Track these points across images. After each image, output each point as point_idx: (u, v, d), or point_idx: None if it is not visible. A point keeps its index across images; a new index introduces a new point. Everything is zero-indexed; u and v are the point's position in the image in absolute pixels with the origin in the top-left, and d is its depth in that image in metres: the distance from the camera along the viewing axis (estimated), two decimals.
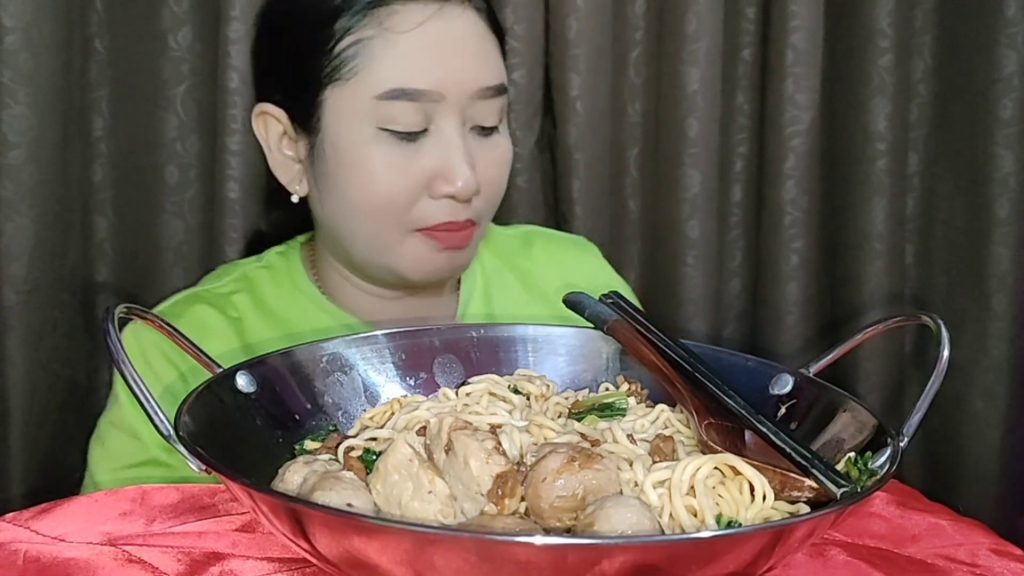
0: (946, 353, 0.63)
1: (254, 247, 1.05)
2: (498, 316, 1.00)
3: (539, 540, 0.44)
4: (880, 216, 1.29)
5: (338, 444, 0.63)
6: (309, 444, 0.65)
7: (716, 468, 0.56)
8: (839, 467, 0.58)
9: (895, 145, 1.29)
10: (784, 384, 0.69)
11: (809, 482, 0.55)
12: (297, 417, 0.67)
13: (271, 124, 0.94)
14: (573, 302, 0.78)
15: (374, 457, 0.60)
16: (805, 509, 0.55)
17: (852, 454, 0.59)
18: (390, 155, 0.88)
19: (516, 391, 0.69)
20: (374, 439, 0.62)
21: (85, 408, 1.16)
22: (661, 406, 0.67)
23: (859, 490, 0.53)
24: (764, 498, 0.55)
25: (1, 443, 1.11)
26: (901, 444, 0.58)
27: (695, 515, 0.53)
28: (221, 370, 0.65)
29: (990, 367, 1.31)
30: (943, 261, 1.35)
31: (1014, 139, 1.26)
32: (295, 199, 0.95)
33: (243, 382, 0.65)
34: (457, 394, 0.69)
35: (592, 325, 0.76)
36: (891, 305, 1.31)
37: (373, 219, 0.89)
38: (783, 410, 0.68)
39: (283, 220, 1.06)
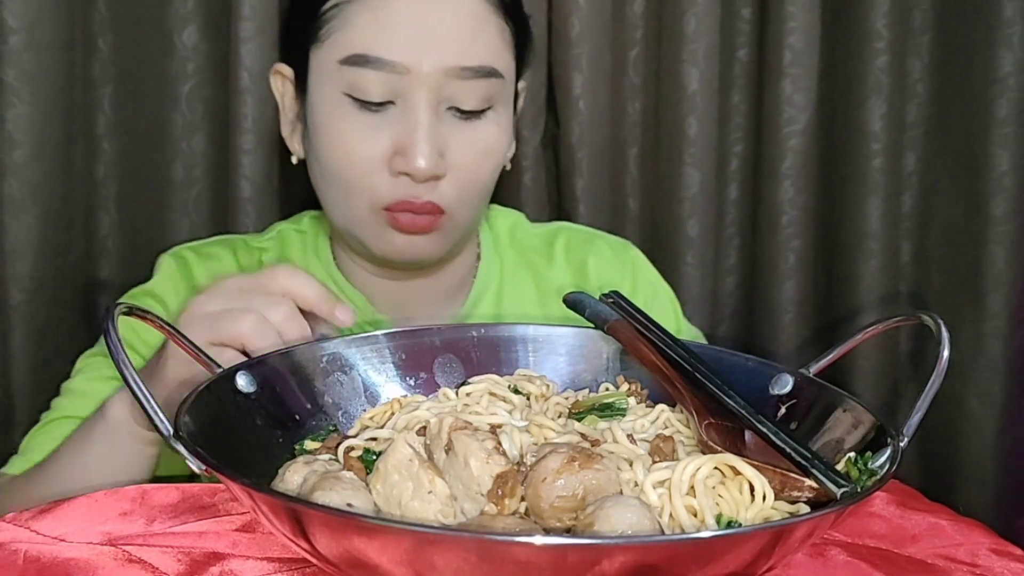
0: (946, 353, 0.63)
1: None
2: (506, 316, 1.00)
3: (539, 540, 0.44)
4: (876, 215, 1.29)
5: (338, 444, 0.63)
6: (309, 444, 0.65)
7: (716, 468, 0.56)
8: (839, 467, 0.58)
9: (891, 145, 1.29)
10: (784, 384, 0.69)
11: (809, 482, 0.55)
12: (297, 417, 0.67)
13: (286, 84, 0.95)
14: (573, 302, 0.78)
15: (374, 457, 0.60)
16: (805, 509, 0.55)
17: (852, 454, 0.59)
18: (353, 123, 0.87)
19: (516, 391, 0.69)
20: (374, 439, 0.62)
21: None
22: (661, 406, 0.67)
23: (859, 490, 0.53)
24: (764, 498, 0.55)
25: (5, 441, 1.11)
26: (901, 444, 0.58)
27: (695, 515, 0.53)
28: (221, 370, 0.65)
29: (986, 366, 1.31)
30: (939, 260, 1.35)
31: (1010, 138, 1.27)
32: (294, 160, 0.96)
33: (243, 382, 0.65)
34: (457, 394, 0.69)
35: (592, 325, 0.76)
36: (887, 304, 1.31)
37: (342, 188, 0.89)
38: (783, 410, 0.68)
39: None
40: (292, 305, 0.73)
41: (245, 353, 0.70)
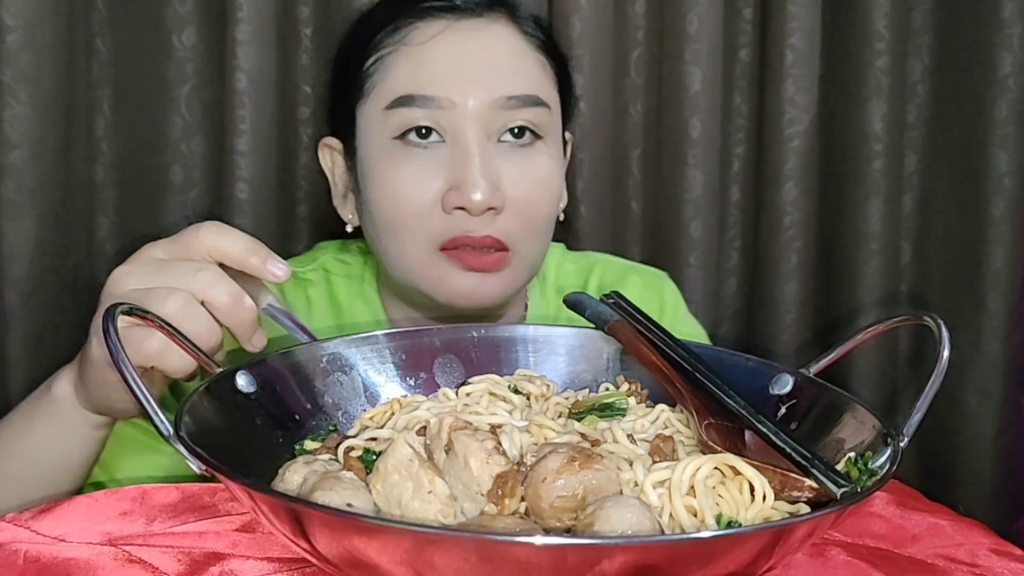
0: (946, 353, 0.63)
1: None
2: None
3: (539, 540, 0.44)
4: (877, 216, 1.29)
5: (338, 444, 0.63)
6: (309, 444, 0.65)
7: (716, 468, 0.56)
8: (839, 467, 0.58)
9: (892, 146, 1.29)
10: (784, 384, 0.69)
11: (809, 482, 0.55)
12: (297, 417, 0.67)
13: (335, 156, 0.95)
14: (574, 302, 0.78)
15: (374, 457, 0.60)
16: (805, 509, 0.55)
17: (852, 454, 0.59)
18: (404, 166, 0.86)
19: (516, 391, 0.69)
20: (374, 439, 0.62)
21: None
22: (661, 406, 0.67)
23: (859, 490, 0.53)
24: (764, 498, 0.55)
25: None
26: (901, 444, 0.58)
27: (695, 515, 0.53)
28: (221, 370, 0.65)
29: (985, 365, 1.31)
30: (939, 260, 1.35)
31: (1010, 139, 1.27)
32: (349, 229, 0.95)
33: (243, 382, 0.65)
34: (457, 394, 0.69)
35: (593, 325, 0.76)
36: (888, 304, 1.31)
37: (397, 235, 0.87)
38: (783, 410, 0.68)
39: None
40: (217, 270, 0.69)
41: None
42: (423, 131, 0.85)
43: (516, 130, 0.87)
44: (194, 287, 0.67)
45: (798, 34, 1.28)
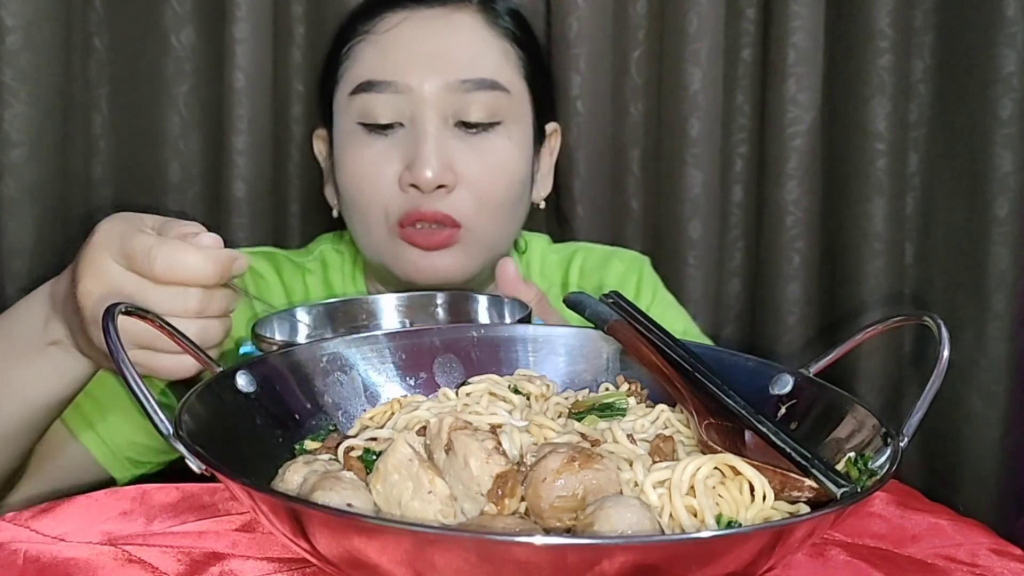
0: (946, 353, 0.63)
1: None
2: None
3: (539, 540, 0.44)
4: (879, 216, 1.29)
5: (338, 444, 0.63)
6: (309, 444, 0.65)
7: (716, 468, 0.56)
8: (839, 467, 0.58)
9: (895, 145, 1.29)
10: (784, 384, 0.69)
11: (809, 482, 0.55)
12: (297, 417, 0.67)
13: (324, 145, 1.00)
14: (573, 302, 0.78)
15: (374, 457, 0.60)
16: (805, 509, 0.55)
17: (852, 454, 0.59)
18: (366, 149, 0.90)
19: (516, 391, 0.69)
20: (374, 439, 0.62)
21: None
22: (661, 406, 0.67)
23: (859, 490, 0.53)
24: (764, 498, 0.55)
25: None
26: (901, 444, 0.58)
27: (695, 515, 0.53)
28: (221, 370, 0.65)
29: (989, 366, 1.31)
30: (942, 260, 1.35)
31: (1013, 138, 1.26)
32: (335, 214, 1.00)
33: (243, 382, 0.65)
34: (457, 394, 0.69)
35: (592, 325, 0.76)
36: (890, 305, 1.31)
37: (362, 215, 0.92)
38: (783, 410, 0.68)
39: None
40: (192, 295, 0.67)
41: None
42: (384, 126, 0.89)
43: (473, 118, 0.90)
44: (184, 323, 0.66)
45: (800, 33, 1.27)
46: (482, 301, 0.87)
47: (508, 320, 0.84)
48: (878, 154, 1.28)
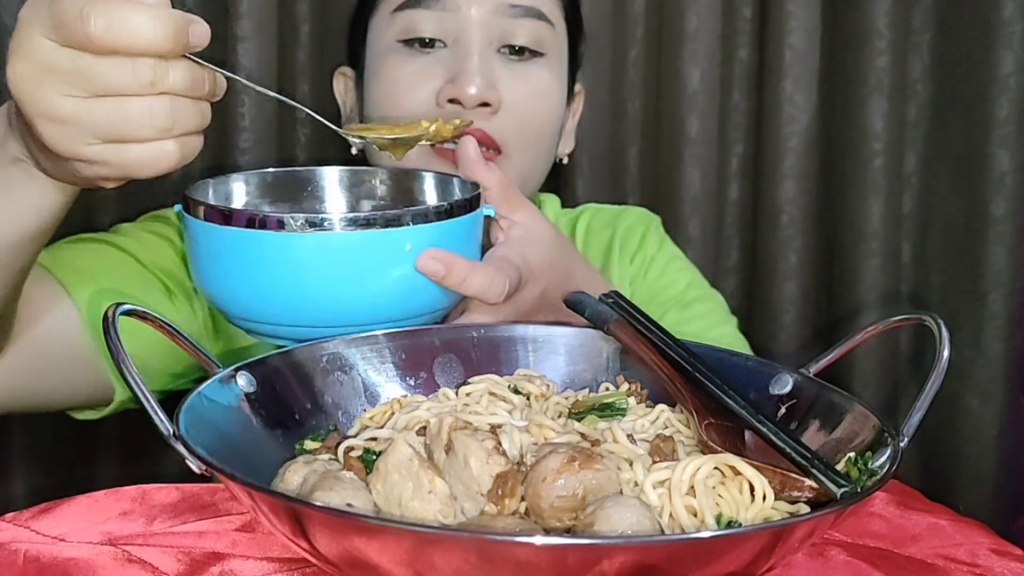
0: (946, 353, 0.63)
1: None
2: None
3: (539, 540, 0.44)
4: (877, 215, 1.29)
5: (338, 444, 0.62)
6: (309, 444, 0.65)
7: (716, 468, 0.56)
8: (839, 467, 0.58)
9: (892, 144, 1.29)
10: (784, 384, 0.69)
11: (809, 482, 0.55)
12: (297, 417, 0.67)
13: (348, 84, 0.98)
14: (573, 302, 0.77)
15: (374, 457, 0.60)
16: (805, 509, 0.55)
17: (852, 454, 0.59)
18: (406, 66, 0.88)
19: (516, 391, 0.69)
20: (374, 439, 0.62)
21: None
22: (661, 406, 0.67)
23: (859, 490, 0.53)
24: (764, 498, 0.55)
25: (2, 442, 1.11)
26: (901, 444, 0.58)
27: (695, 515, 0.53)
28: (221, 370, 0.65)
29: (986, 365, 1.31)
30: (939, 260, 1.35)
31: (1010, 138, 1.27)
32: (354, 151, 0.96)
33: (243, 382, 0.65)
34: (457, 394, 0.69)
35: (592, 325, 0.76)
36: (888, 304, 1.31)
37: None
38: (783, 410, 0.68)
39: None
40: (142, 64, 0.59)
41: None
42: (427, 41, 0.88)
43: (517, 47, 0.89)
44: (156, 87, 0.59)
45: (798, 32, 1.28)
46: (428, 179, 0.83)
47: (456, 196, 0.77)
48: (875, 153, 1.28)
